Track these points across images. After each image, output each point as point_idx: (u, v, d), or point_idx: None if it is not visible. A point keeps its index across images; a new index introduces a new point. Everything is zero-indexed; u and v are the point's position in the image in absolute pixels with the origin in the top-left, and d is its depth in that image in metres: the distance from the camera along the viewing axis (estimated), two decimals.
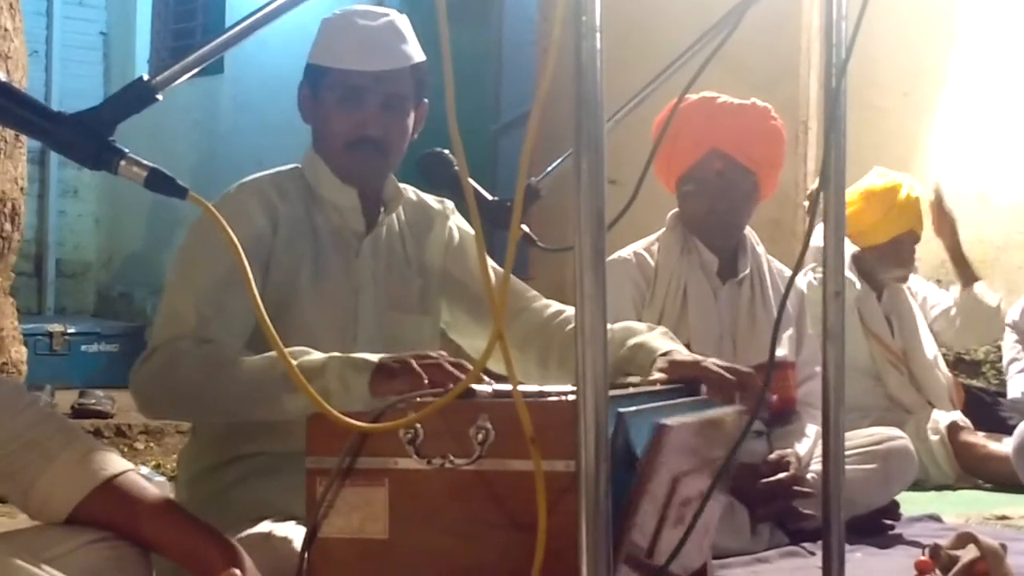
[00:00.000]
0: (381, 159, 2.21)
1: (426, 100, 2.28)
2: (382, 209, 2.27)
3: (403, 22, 2.21)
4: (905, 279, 4.25)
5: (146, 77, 1.46)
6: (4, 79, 1.42)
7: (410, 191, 2.35)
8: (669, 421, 1.45)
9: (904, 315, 4.22)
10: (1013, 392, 4.55)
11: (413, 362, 1.79)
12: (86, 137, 1.41)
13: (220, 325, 2.02)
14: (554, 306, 2.28)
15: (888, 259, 4.16)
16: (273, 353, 1.86)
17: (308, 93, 2.23)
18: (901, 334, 4.20)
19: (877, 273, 4.17)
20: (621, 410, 1.47)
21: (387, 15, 2.20)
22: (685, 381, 1.91)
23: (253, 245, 2.06)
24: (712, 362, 1.98)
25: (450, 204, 2.37)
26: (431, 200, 2.37)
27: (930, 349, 4.23)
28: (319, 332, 2.11)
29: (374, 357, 1.84)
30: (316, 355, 1.88)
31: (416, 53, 2.21)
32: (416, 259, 2.30)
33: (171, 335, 2.00)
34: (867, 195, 4.09)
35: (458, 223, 2.36)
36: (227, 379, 1.93)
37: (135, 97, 1.44)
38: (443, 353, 1.83)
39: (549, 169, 2.03)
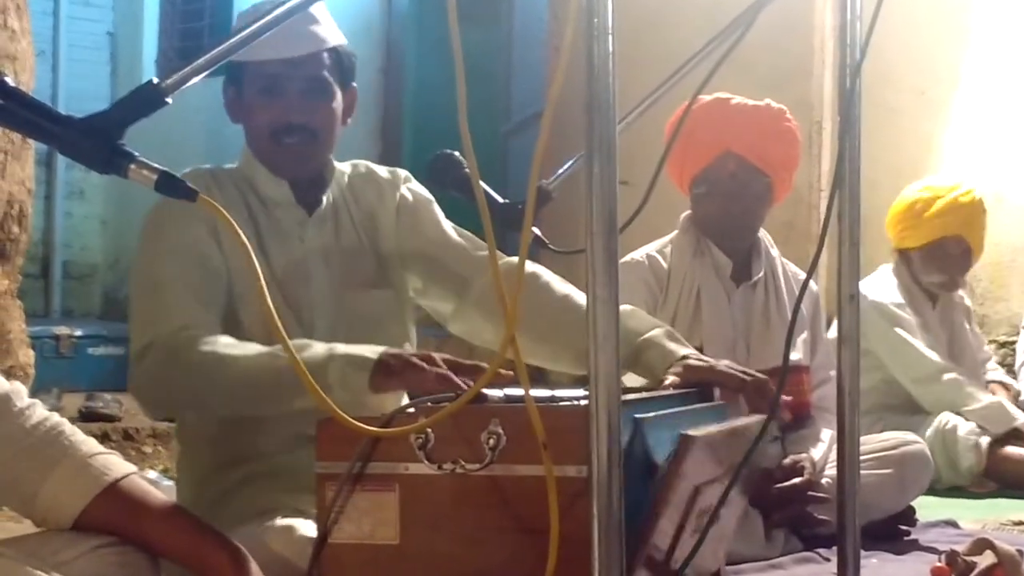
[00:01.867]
0: (310, 145, 2.18)
1: (354, 85, 2.25)
2: (325, 192, 2.24)
3: (317, 6, 2.16)
4: (950, 288, 4.20)
5: (156, 80, 1.44)
6: (12, 83, 1.41)
7: (362, 166, 2.32)
8: (694, 432, 1.43)
9: (956, 331, 4.20)
10: None
11: (414, 359, 1.77)
12: (96, 141, 1.40)
13: (207, 317, 2.01)
14: (529, 265, 2.16)
15: (929, 262, 4.10)
16: (273, 348, 1.87)
17: (233, 93, 2.22)
18: (950, 350, 4.17)
19: (919, 276, 4.12)
20: (639, 416, 1.45)
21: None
22: (698, 385, 1.89)
23: (211, 238, 2.07)
24: (726, 364, 1.96)
25: (403, 173, 2.33)
26: (382, 171, 2.33)
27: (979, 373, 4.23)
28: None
29: (374, 353, 1.81)
30: (318, 348, 1.86)
31: (334, 36, 2.18)
32: (367, 232, 2.26)
33: (162, 331, 1.97)
34: (911, 198, 4.06)
35: (411, 188, 2.30)
36: (230, 376, 1.91)
37: (145, 100, 1.43)
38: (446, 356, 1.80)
39: (560, 171, 2.02)
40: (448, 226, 2.27)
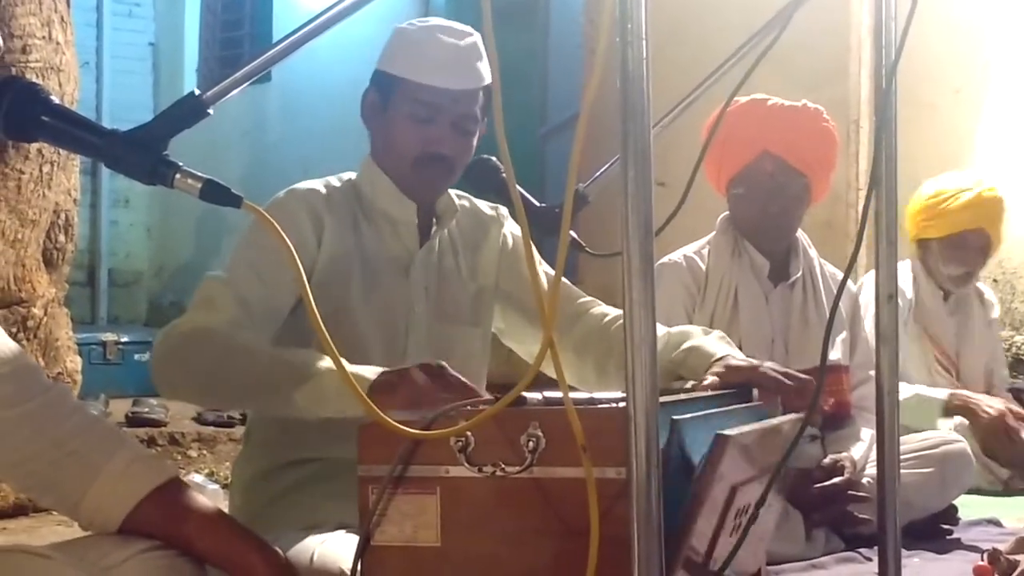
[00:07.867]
0: (447, 178, 2.19)
1: (486, 119, 2.23)
2: (435, 221, 2.24)
3: (480, 41, 2.15)
4: (966, 281, 4.17)
5: (197, 92, 1.47)
6: (58, 97, 1.44)
7: (464, 198, 2.32)
8: (729, 431, 1.44)
9: (966, 324, 4.17)
10: None
11: (413, 372, 1.73)
12: (140, 153, 1.43)
13: (250, 321, 2.00)
14: (612, 312, 2.24)
15: (950, 254, 4.08)
16: (291, 348, 1.89)
17: (376, 100, 2.18)
18: (957, 342, 4.15)
19: (937, 268, 4.10)
20: (676, 417, 1.46)
21: (471, 34, 2.15)
22: (738, 386, 1.89)
23: (298, 252, 2.06)
24: (768, 367, 1.96)
25: (503, 210, 2.33)
26: (484, 207, 2.34)
27: (984, 363, 4.19)
28: (369, 345, 2.10)
29: (374, 373, 1.77)
30: (325, 360, 1.82)
31: (487, 73, 2.15)
32: (469, 269, 2.27)
33: (200, 317, 1.97)
34: (936, 189, 4.06)
35: (512, 229, 2.33)
36: (241, 364, 1.91)
37: (187, 112, 1.46)
38: (444, 364, 1.76)
39: (596, 175, 2.03)
40: (546, 269, 2.25)
